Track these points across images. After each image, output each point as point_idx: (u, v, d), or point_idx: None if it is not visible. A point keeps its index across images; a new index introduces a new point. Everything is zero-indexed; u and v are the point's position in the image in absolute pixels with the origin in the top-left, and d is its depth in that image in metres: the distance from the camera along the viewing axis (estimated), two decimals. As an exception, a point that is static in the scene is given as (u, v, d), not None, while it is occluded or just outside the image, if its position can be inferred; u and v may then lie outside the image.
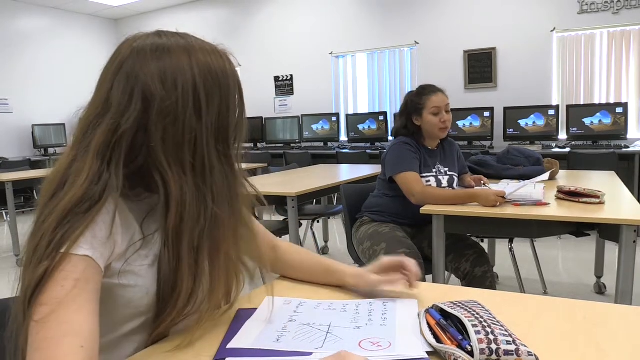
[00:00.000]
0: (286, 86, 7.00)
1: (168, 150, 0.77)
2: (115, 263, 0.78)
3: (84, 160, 0.75)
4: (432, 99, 2.30)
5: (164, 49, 0.78)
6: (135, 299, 0.81)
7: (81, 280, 0.69)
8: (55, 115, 7.61)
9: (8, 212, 4.37)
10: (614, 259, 2.13)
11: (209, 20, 7.57)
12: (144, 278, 0.81)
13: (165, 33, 0.82)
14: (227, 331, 0.87)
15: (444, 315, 0.82)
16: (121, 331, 0.83)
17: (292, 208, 2.68)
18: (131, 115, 0.75)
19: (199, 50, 0.80)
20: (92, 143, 0.75)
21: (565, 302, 0.96)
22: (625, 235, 1.68)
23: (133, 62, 0.77)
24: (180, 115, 0.77)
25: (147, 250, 0.83)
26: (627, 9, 4.88)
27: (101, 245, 0.73)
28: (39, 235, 0.71)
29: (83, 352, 0.65)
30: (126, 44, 0.80)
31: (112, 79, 0.78)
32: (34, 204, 0.79)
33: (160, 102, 0.76)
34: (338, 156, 5.65)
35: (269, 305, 0.97)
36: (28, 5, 7.32)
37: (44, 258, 0.69)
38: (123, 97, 0.76)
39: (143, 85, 0.76)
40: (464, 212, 1.96)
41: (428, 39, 5.92)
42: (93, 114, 0.79)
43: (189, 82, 0.77)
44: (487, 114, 5.32)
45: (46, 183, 0.76)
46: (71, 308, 0.67)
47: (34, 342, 0.65)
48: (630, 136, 4.74)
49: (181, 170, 0.78)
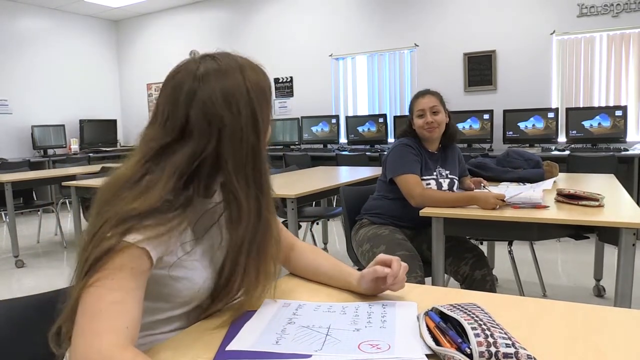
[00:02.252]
0: (286, 88, 7.01)
1: (236, 167, 0.87)
2: (166, 257, 0.86)
3: (159, 177, 0.83)
4: (418, 102, 2.35)
5: (224, 72, 0.87)
6: (182, 290, 0.90)
7: (135, 270, 0.77)
8: (55, 117, 7.61)
9: (7, 213, 4.37)
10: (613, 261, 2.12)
11: (209, 21, 7.58)
12: (192, 272, 0.91)
13: (218, 56, 0.89)
14: (226, 333, 0.87)
15: (443, 318, 0.82)
16: (160, 316, 0.92)
17: (292, 210, 2.68)
18: (210, 143, 0.85)
19: (247, 68, 0.89)
20: (168, 164, 0.84)
21: (565, 305, 0.96)
22: (625, 238, 1.68)
23: (202, 91, 0.85)
24: (244, 136, 0.86)
25: (197, 248, 0.92)
26: (627, 12, 4.89)
27: (159, 242, 0.81)
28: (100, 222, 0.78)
29: (127, 332, 0.72)
30: (188, 77, 0.86)
31: (186, 110, 0.85)
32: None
33: (230, 127, 0.85)
34: (337, 158, 5.65)
35: (268, 307, 0.98)
36: (28, 6, 7.33)
37: (106, 241, 0.76)
38: (202, 128, 0.84)
39: (218, 116, 0.84)
40: (463, 214, 1.96)
41: (428, 42, 5.93)
42: (168, 138, 0.85)
43: (246, 102, 0.86)
44: (486, 117, 5.32)
45: (108, 185, 0.84)
46: (123, 291, 0.74)
47: (85, 313, 0.72)
48: (629, 139, 4.74)
49: (245, 185, 0.88)
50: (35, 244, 5.12)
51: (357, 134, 6.15)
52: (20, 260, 4.27)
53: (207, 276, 0.94)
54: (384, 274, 0.99)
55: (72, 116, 7.78)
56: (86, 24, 8.18)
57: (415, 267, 2.09)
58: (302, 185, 3.02)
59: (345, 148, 6.20)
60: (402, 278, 1.00)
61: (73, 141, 7.57)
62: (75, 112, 7.84)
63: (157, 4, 7.70)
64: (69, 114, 7.79)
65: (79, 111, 7.90)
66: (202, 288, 0.93)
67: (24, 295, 1.01)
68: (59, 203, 5.61)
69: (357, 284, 1.05)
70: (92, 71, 8.26)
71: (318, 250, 1.21)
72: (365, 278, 1.02)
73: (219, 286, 0.95)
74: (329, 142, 6.38)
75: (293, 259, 1.18)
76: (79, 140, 7.65)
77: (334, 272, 1.11)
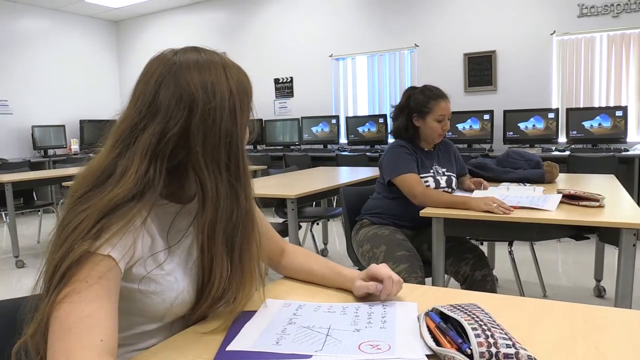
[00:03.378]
0: (286, 88, 7.01)
1: (206, 151, 0.84)
2: (135, 268, 0.83)
3: (130, 158, 0.80)
4: (440, 106, 2.29)
5: (204, 62, 0.86)
6: (153, 305, 0.86)
7: (103, 279, 0.73)
8: (55, 117, 7.61)
9: (7, 214, 4.37)
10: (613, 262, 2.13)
11: (209, 22, 7.58)
12: (163, 286, 0.86)
13: (203, 49, 0.89)
14: (226, 333, 0.87)
15: (443, 318, 0.82)
16: (137, 330, 0.88)
17: (292, 210, 2.68)
18: (179, 119, 0.82)
19: (231, 67, 0.89)
20: (139, 143, 0.81)
21: (565, 306, 0.96)
22: (625, 239, 1.68)
23: (177, 72, 0.84)
24: (218, 119, 0.84)
25: (171, 258, 0.88)
26: (627, 12, 4.88)
27: (124, 248, 0.78)
28: (71, 226, 0.75)
29: (102, 345, 0.68)
30: (163, 58, 0.87)
31: (157, 87, 0.83)
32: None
33: (203, 107, 0.83)
34: (338, 158, 5.65)
35: (269, 307, 0.98)
36: (28, 6, 7.33)
37: (72, 252, 0.72)
38: (171, 103, 0.82)
39: (188, 93, 0.83)
40: (463, 215, 1.96)
41: (428, 42, 5.93)
42: (137, 117, 0.83)
43: (225, 91, 0.85)
44: (487, 117, 5.32)
45: (84, 176, 0.81)
46: (93, 303, 0.70)
47: (55, 332, 0.68)
48: (629, 139, 4.74)
49: (217, 169, 0.85)
50: (35, 244, 5.12)
51: (357, 135, 6.15)
52: (21, 261, 4.27)
53: (182, 289, 0.88)
54: (377, 293, 1.00)
55: (73, 116, 7.78)
56: (86, 24, 8.18)
57: (415, 267, 2.09)
58: (302, 185, 3.02)
59: (345, 148, 6.20)
60: (395, 292, 1.01)
61: (73, 141, 7.57)
62: (75, 113, 7.84)
63: (158, 5, 7.70)
64: (69, 114, 7.79)
65: (79, 111, 7.90)
66: (175, 304, 0.87)
67: (24, 295, 1.01)
68: (59, 203, 5.62)
69: (352, 289, 1.05)
70: (93, 71, 8.26)
71: (309, 253, 1.20)
72: (358, 291, 1.03)
73: (199, 290, 0.91)
74: (329, 142, 6.38)
75: (285, 262, 1.17)
76: (79, 140, 7.65)
77: (328, 273, 1.12)
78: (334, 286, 1.10)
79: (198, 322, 0.93)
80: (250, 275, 0.93)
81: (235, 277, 0.91)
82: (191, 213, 0.91)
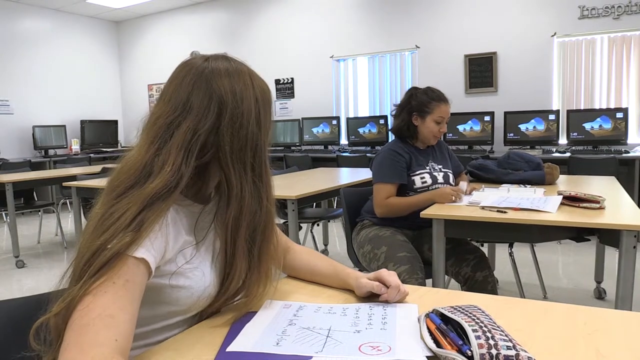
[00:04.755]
0: (287, 89, 7.01)
1: (234, 151, 0.90)
2: (165, 265, 0.87)
3: (167, 153, 0.85)
4: (441, 108, 2.32)
5: (234, 71, 0.93)
6: (182, 299, 0.90)
7: (130, 282, 0.76)
8: (56, 117, 7.62)
9: (8, 214, 4.37)
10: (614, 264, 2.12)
11: (210, 23, 7.58)
12: (192, 280, 0.91)
13: (232, 58, 0.96)
14: (226, 334, 0.87)
15: (444, 319, 0.82)
16: (157, 325, 0.91)
17: (292, 211, 2.68)
18: (209, 119, 0.88)
19: (256, 77, 0.96)
20: (175, 139, 0.87)
21: (565, 307, 0.96)
22: (626, 241, 1.68)
23: (209, 77, 0.90)
24: (245, 123, 0.91)
25: (198, 254, 0.93)
26: (628, 14, 4.89)
27: (157, 251, 0.82)
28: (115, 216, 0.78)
29: (116, 345, 0.70)
30: (196, 62, 0.93)
31: (190, 88, 0.90)
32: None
33: (232, 110, 0.90)
34: (338, 159, 5.65)
35: (269, 308, 0.98)
36: (29, 7, 7.34)
37: (113, 241, 0.76)
38: (202, 103, 0.89)
39: (219, 96, 0.89)
40: (464, 216, 1.96)
41: (429, 43, 5.93)
42: (172, 115, 0.89)
43: (251, 98, 0.92)
44: (487, 119, 5.32)
45: (124, 171, 0.85)
46: (116, 304, 0.73)
47: (74, 324, 0.70)
48: (630, 141, 4.74)
49: (242, 169, 0.91)
50: (35, 244, 5.12)
51: (357, 136, 6.15)
52: (21, 261, 4.27)
53: (208, 284, 0.94)
54: (379, 292, 1.01)
55: (73, 117, 7.79)
56: (87, 24, 8.19)
57: (416, 268, 2.09)
58: (303, 186, 3.02)
59: (345, 149, 6.20)
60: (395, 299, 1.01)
61: (74, 141, 7.58)
62: (76, 113, 7.85)
63: (159, 5, 7.71)
64: (70, 114, 7.80)
65: (80, 112, 7.91)
66: (202, 297, 0.92)
67: (24, 295, 1.01)
68: (60, 203, 5.62)
69: (355, 287, 1.06)
70: (94, 72, 8.27)
71: (313, 251, 1.22)
72: (361, 288, 1.04)
73: (219, 284, 0.96)
74: (330, 143, 6.38)
75: (289, 260, 1.19)
76: (80, 140, 7.65)
77: (330, 272, 1.13)
78: (336, 284, 1.11)
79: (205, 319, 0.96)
80: (265, 274, 0.97)
81: (253, 274, 0.96)
82: (211, 212, 0.97)
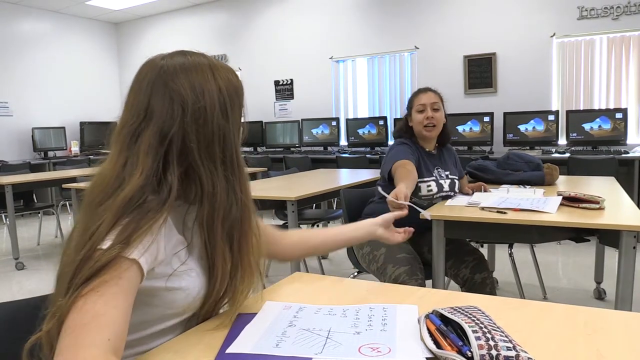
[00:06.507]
0: (286, 90, 7.01)
1: (201, 148, 0.88)
2: (159, 268, 0.86)
3: (135, 161, 0.84)
4: (419, 97, 2.35)
5: (190, 65, 0.90)
6: (177, 300, 0.89)
7: (123, 281, 0.76)
8: (55, 119, 7.61)
9: (7, 216, 4.36)
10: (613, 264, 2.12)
11: (210, 24, 7.59)
12: (187, 281, 0.90)
13: (189, 52, 0.94)
14: (226, 336, 0.87)
15: (444, 320, 0.82)
16: (151, 330, 0.90)
17: (292, 212, 2.68)
18: (175, 120, 0.86)
19: (219, 67, 0.93)
20: (140, 145, 0.85)
21: (565, 308, 0.96)
22: (625, 241, 1.68)
23: (166, 76, 0.88)
24: (209, 117, 0.88)
25: (191, 254, 0.92)
26: (627, 14, 4.89)
27: (148, 252, 0.81)
28: (91, 230, 0.78)
29: (109, 344, 0.70)
30: (152, 63, 0.91)
31: (150, 91, 0.88)
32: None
33: (192, 107, 0.87)
34: (338, 160, 5.65)
35: (269, 310, 0.98)
36: (29, 8, 7.34)
37: (95, 255, 0.75)
38: (164, 105, 0.87)
39: (178, 94, 0.87)
40: (463, 217, 1.96)
41: (428, 44, 5.93)
42: (136, 121, 0.87)
43: (214, 90, 0.89)
44: (487, 119, 5.32)
45: (97, 184, 0.85)
46: (109, 304, 0.73)
47: (68, 327, 0.70)
48: (629, 142, 4.74)
49: (212, 164, 0.89)
50: (35, 246, 5.12)
51: (357, 137, 6.15)
52: (21, 263, 4.27)
53: (202, 284, 0.93)
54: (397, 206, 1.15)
55: (73, 118, 7.78)
56: (87, 26, 8.19)
57: (415, 269, 2.09)
58: (303, 187, 3.02)
59: (345, 150, 6.20)
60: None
61: (73, 143, 7.58)
62: (75, 115, 7.84)
63: (158, 7, 7.71)
64: (69, 116, 7.80)
65: (80, 113, 7.91)
66: (196, 297, 0.92)
67: (24, 297, 1.01)
68: (59, 205, 5.61)
69: (367, 234, 1.18)
70: (93, 73, 8.27)
71: (306, 229, 1.27)
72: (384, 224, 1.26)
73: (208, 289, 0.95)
74: (329, 144, 6.38)
75: (281, 245, 1.21)
76: (80, 142, 7.65)
77: (329, 236, 1.21)
78: (340, 246, 1.20)
79: (200, 323, 0.95)
80: (249, 268, 0.96)
81: (237, 271, 0.94)
82: (194, 211, 0.94)
